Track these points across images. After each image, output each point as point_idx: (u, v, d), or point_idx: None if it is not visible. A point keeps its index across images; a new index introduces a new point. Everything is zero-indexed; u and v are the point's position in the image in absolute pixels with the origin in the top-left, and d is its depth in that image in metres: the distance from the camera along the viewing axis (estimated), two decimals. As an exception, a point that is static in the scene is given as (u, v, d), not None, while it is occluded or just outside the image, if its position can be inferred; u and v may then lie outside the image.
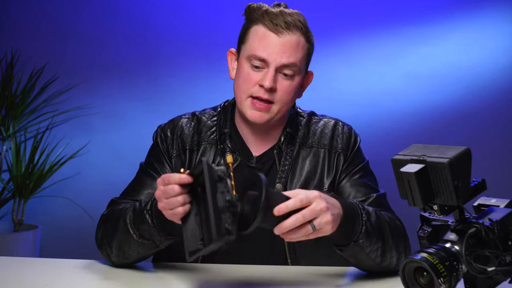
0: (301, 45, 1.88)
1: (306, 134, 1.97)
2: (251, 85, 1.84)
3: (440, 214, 1.56)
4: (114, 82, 4.16)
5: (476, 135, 4.12)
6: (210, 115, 2.00)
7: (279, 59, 1.82)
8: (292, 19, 1.85)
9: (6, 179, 3.94)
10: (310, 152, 1.95)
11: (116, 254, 1.76)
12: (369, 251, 1.69)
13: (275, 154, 1.93)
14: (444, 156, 1.49)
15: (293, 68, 1.85)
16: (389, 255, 1.73)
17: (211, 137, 1.95)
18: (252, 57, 1.84)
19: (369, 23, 4.18)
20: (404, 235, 1.81)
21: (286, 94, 1.86)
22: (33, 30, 4.15)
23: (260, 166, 1.92)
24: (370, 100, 4.13)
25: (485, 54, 4.17)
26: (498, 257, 1.52)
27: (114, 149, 4.01)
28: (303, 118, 2.00)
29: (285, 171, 1.91)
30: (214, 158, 1.92)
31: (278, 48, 1.82)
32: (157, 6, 4.16)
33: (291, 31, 1.84)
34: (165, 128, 1.99)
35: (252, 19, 1.87)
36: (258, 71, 1.84)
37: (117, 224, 1.74)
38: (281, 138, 1.94)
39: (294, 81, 1.87)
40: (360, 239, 1.66)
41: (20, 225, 3.87)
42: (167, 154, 1.94)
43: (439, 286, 1.50)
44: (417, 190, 1.50)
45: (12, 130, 3.91)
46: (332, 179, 1.94)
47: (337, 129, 2.00)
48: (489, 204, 1.63)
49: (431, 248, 1.54)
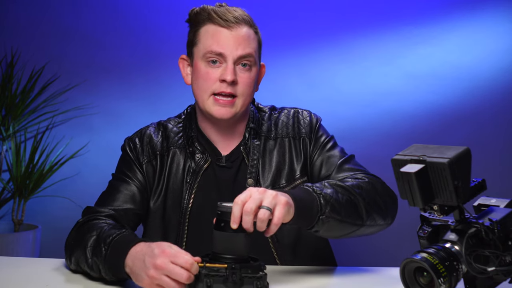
0: (252, 37, 1.93)
1: (269, 127, 2.02)
2: (211, 82, 1.89)
3: (440, 214, 1.56)
4: (114, 82, 4.16)
5: (476, 135, 4.12)
6: (175, 121, 2.06)
7: (235, 52, 1.88)
8: (239, 14, 1.92)
9: (6, 179, 3.94)
10: (276, 143, 2.00)
11: (73, 267, 1.77)
12: (341, 217, 1.69)
13: (242, 150, 1.98)
14: (444, 156, 1.49)
15: (249, 58, 1.90)
16: (371, 212, 1.76)
17: (179, 142, 2.00)
18: (208, 53, 1.89)
19: (369, 23, 4.17)
20: (380, 189, 1.84)
21: (247, 86, 1.91)
22: (33, 30, 4.15)
23: (230, 164, 1.97)
24: (370, 100, 4.13)
25: (485, 54, 4.16)
26: (498, 257, 1.52)
27: (114, 149, 3.98)
28: (265, 113, 2.06)
29: (255, 166, 1.96)
30: (185, 161, 1.97)
31: (232, 41, 1.88)
32: (157, 6, 4.16)
33: (240, 25, 1.90)
34: (132, 138, 2.05)
35: (199, 21, 1.93)
36: (216, 67, 1.89)
37: (81, 241, 1.74)
38: (246, 134, 1.99)
39: (252, 72, 1.92)
40: (324, 213, 1.66)
41: (20, 225, 3.87)
42: (137, 161, 1.99)
43: (439, 286, 1.50)
44: (417, 190, 1.50)
45: (12, 130, 3.91)
46: (303, 163, 1.99)
47: (297, 116, 2.05)
48: (489, 204, 1.63)
49: (431, 248, 1.54)
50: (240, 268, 1.47)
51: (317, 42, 4.16)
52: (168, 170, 1.97)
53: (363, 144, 3.93)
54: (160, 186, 1.97)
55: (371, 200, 1.78)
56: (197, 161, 1.96)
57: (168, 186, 1.96)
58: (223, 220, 1.51)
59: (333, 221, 1.68)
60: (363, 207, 1.75)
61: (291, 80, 4.04)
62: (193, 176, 1.95)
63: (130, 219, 1.91)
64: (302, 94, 4.03)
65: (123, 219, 1.88)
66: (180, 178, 1.96)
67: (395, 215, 1.86)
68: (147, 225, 2.00)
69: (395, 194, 1.85)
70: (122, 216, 1.89)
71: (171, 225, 1.95)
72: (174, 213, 1.95)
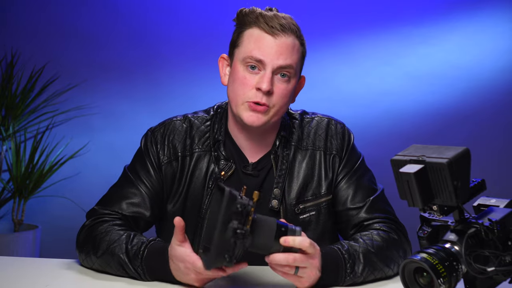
0: (296, 48, 1.85)
1: (300, 136, 1.95)
2: (247, 89, 1.81)
3: (440, 214, 1.56)
4: (114, 82, 4.16)
5: (475, 136, 4.12)
6: (203, 119, 1.97)
7: (276, 61, 1.80)
8: (287, 22, 1.85)
9: (6, 179, 3.94)
10: (306, 155, 1.94)
11: (96, 268, 1.79)
12: (362, 281, 1.73)
13: (272, 159, 1.91)
14: (443, 156, 1.49)
15: (289, 70, 1.83)
16: (387, 271, 1.78)
17: (205, 143, 1.92)
18: (248, 58, 1.81)
19: (369, 23, 4.18)
20: (397, 244, 1.83)
21: (282, 98, 1.83)
22: (33, 30, 4.15)
23: (256, 173, 1.90)
24: (370, 100, 4.13)
25: (484, 54, 4.17)
26: (498, 257, 1.51)
27: (114, 149, 4.01)
28: (296, 120, 1.98)
29: (282, 176, 1.90)
30: (208, 165, 1.90)
31: (274, 50, 1.81)
32: (157, 6, 4.16)
33: (286, 34, 1.83)
34: (155, 132, 1.95)
35: (246, 22, 1.86)
36: (254, 74, 1.81)
37: (106, 251, 1.75)
38: (276, 143, 1.92)
39: (290, 84, 1.85)
40: (346, 284, 1.70)
41: (20, 225, 3.87)
42: (157, 160, 1.91)
43: (439, 286, 1.50)
44: (417, 190, 1.50)
45: (12, 130, 3.91)
46: (330, 182, 1.93)
47: (330, 128, 1.98)
48: (488, 204, 1.63)
49: (430, 249, 1.54)
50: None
51: (318, 42, 4.16)
52: (191, 173, 1.90)
53: (363, 144, 3.89)
54: (180, 188, 1.91)
55: (391, 262, 1.80)
56: (221, 167, 1.89)
57: (189, 189, 1.90)
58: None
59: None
60: (382, 270, 1.77)
61: (291, 80, 4.05)
62: (215, 183, 1.87)
63: (138, 225, 1.88)
64: (303, 94, 4.00)
65: (131, 224, 1.86)
66: (201, 182, 1.89)
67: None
68: (162, 227, 1.96)
69: (409, 246, 1.89)
70: (129, 221, 1.85)
71: (188, 228, 1.85)
72: (192, 216, 1.89)
